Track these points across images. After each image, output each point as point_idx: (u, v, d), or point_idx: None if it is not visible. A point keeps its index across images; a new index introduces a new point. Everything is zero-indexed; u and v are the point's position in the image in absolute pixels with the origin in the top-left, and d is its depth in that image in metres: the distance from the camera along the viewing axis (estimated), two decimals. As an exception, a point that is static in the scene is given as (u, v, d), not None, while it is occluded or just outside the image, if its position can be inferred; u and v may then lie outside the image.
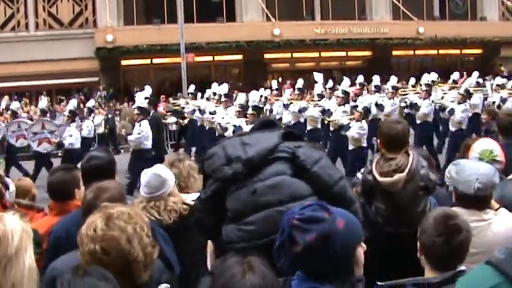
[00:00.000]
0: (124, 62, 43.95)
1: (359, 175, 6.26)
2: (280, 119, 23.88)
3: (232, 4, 45.70)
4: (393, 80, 26.60)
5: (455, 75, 29.78)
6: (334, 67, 48.41)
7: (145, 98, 20.72)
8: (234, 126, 18.85)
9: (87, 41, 41.97)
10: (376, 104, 23.52)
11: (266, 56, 45.84)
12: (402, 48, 47.19)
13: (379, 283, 4.11)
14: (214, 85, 26.89)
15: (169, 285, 3.51)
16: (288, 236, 3.22)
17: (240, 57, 45.58)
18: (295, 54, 46.57)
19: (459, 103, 20.58)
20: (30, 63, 40.14)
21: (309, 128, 22.45)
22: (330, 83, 25.92)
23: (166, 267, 4.26)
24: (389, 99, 24.52)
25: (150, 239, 3.44)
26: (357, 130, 17.94)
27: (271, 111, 25.11)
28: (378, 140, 6.42)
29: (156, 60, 44.05)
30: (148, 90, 24.02)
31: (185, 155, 7.23)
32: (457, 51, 50.04)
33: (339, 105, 20.59)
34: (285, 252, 3.24)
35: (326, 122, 21.42)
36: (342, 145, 18.49)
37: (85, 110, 26.06)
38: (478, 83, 25.45)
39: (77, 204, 5.66)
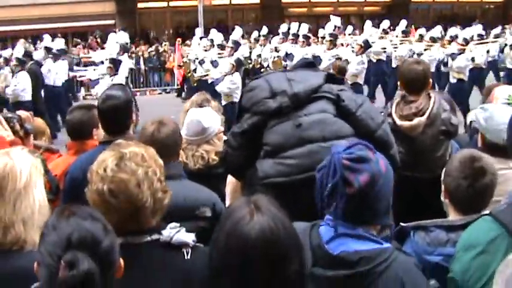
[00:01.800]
0: (140, 5, 43.71)
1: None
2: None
3: None
4: (403, 24, 26.41)
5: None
6: (352, 12, 48.00)
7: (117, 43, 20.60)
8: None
9: (103, -17, 41.73)
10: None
11: (283, 0, 45.32)
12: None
13: (402, 224, 4.07)
14: (213, 31, 26.30)
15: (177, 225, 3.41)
16: (341, 178, 3.06)
17: (257, 1, 45.23)
18: (313, -1, 46.06)
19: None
20: (46, 6, 40.05)
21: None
22: (350, 29, 25.83)
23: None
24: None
25: (163, 183, 3.35)
26: (356, 66, 17.81)
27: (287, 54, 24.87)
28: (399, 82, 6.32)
29: (172, 3, 43.86)
30: (121, 36, 23.53)
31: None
32: None
33: (356, 55, 20.38)
34: (339, 195, 3.08)
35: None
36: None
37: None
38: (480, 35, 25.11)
39: (94, 144, 5.62)
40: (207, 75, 20.95)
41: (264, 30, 28.41)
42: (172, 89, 32.65)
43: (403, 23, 27.00)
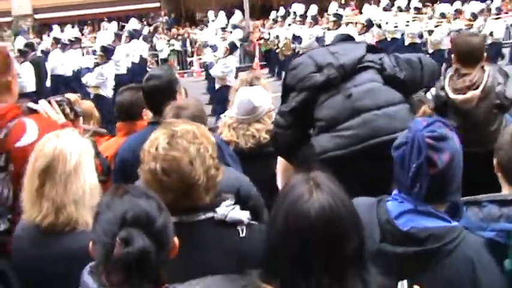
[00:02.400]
0: (185, -13, 43.76)
1: (433, 90, 6.08)
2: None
3: None
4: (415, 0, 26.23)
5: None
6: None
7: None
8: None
9: (148, -34, 41.85)
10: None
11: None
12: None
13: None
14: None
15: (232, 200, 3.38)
16: (426, 158, 3.02)
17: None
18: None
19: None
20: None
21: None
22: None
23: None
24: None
25: (215, 161, 3.33)
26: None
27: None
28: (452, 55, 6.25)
29: (217, -16, 43.72)
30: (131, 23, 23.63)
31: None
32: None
33: (359, 34, 20.49)
34: (423, 176, 3.03)
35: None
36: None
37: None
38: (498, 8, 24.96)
39: (143, 125, 5.62)
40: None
41: (281, 11, 28.35)
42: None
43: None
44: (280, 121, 4.62)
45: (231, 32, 21.57)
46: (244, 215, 3.31)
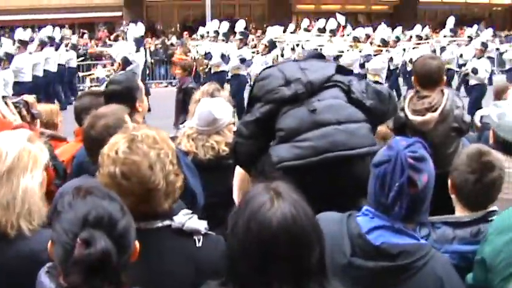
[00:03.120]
0: (148, -2, 43.74)
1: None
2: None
3: None
4: (418, 29, 26.42)
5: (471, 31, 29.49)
6: (360, 11, 47.98)
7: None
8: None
9: (111, -24, 41.74)
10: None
11: (292, -4, 45.36)
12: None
13: None
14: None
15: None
16: (407, 177, 3.06)
17: (265, -4, 45.27)
18: (321, -4, 45.91)
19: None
20: (53, -4, 40.14)
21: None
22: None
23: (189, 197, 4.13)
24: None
25: (175, 167, 3.29)
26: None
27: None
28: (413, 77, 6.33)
29: (180, -3, 43.82)
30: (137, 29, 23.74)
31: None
32: (486, 1, 49.20)
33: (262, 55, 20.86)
34: (404, 195, 3.07)
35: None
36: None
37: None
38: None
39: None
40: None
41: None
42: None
43: (418, 28, 27.07)
44: (243, 131, 4.60)
45: (223, 40, 21.42)
46: (202, 225, 3.27)
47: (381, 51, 21.23)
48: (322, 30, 27.83)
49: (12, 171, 3.30)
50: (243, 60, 19.44)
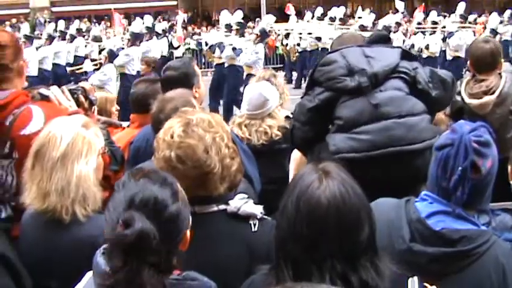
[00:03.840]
0: (203, -14, 43.86)
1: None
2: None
3: None
4: (461, 7, 25.98)
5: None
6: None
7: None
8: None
9: (167, -37, 41.98)
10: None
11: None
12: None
13: None
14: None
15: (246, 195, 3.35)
16: (470, 162, 3.00)
17: (319, -18, 44.95)
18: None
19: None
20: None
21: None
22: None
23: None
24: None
25: (230, 150, 3.28)
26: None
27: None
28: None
29: (235, -15, 43.79)
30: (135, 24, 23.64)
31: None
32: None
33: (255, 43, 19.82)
34: (467, 179, 3.01)
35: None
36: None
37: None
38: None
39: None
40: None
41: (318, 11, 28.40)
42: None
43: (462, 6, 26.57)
44: (300, 116, 4.57)
45: (237, 30, 21.03)
46: (258, 209, 3.25)
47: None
48: (333, 19, 27.94)
49: (66, 156, 3.34)
50: (234, 49, 18.91)
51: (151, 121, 4.47)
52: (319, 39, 25.11)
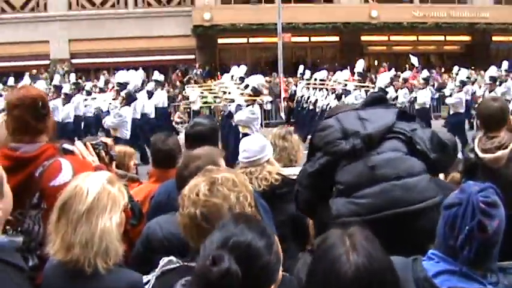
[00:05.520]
0: (220, 41, 44.22)
1: (460, 155, 6.14)
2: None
3: (330, -15, 45.42)
4: (492, 70, 26.15)
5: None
6: (432, 51, 47.65)
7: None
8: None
9: (185, 19, 42.45)
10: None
11: (363, 38, 45.26)
12: (503, 33, 45.27)
13: None
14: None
15: None
16: (478, 222, 3.04)
17: (336, 38, 45.24)
18: (392, 37, 45.64)
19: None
20: (128, 40, 41.31)
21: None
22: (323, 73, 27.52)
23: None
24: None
25: (253, 209, 3.36)
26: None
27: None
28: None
29: (252, 40, 44.14)
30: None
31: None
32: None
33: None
34: (474, 239, 3.04)
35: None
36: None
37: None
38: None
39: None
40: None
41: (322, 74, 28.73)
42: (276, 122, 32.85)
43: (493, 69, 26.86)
44: (303, 180, 4.66)
45: (240, 83, 21.35)
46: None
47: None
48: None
49: (91, 210, 3.41)
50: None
51: (176, 175, 4.57)
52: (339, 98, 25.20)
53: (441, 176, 5.74)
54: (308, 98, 26.86)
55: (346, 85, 24.94)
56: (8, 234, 3.71)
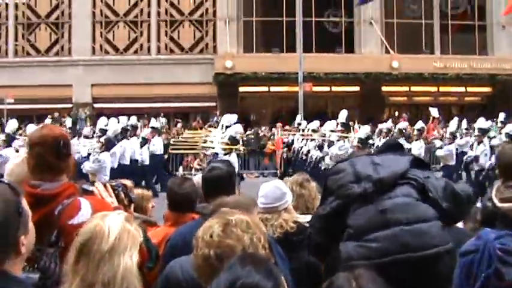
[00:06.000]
0: (242, 89, 44.39)
1: (478, 204, 6.11)
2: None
3: (352, 35, 45.74)
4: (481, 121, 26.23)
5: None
6: (453, 103, 47.57)
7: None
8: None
9: (206, 66, 42.85)
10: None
11: (384, 88, 45.32)
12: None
13: None
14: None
15: None
16: (495, 270, 3.05)
17: (357, 88, 45.28)
18: (413, 88, 45.69)
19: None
20: (150, 86, 41.71)
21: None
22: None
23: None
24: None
25: (266, 251, 3.37)
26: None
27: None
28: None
29: (273, 89, 44.30)
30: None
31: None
32: None
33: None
34: (491, 286, 3.05)
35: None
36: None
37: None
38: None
39: (192, 216, 5.74)
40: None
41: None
42: (269, 172, 32.87)
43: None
44: (316, 224, 4.67)
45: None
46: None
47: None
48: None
49: (114, 250, 3.41)
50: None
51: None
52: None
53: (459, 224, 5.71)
54: (301, 148, 27.15)
55: (330, 136, 24.92)
56: (25, 271, 3.73)
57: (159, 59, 43.70)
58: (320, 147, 24.67)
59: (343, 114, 26.72)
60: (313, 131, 26.96)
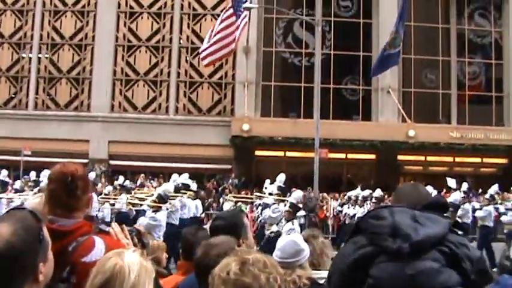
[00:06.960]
0: (258, 152, 44.64)
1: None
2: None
3: (369, 103, 46.02)
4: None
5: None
6: (468, 173, 47.38)
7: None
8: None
9: (224, 129, 43.18)
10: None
11: (399, 157, 45.33)
12: (541, 157, 45.45)
13: None
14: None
15: None
16: None
17: (373, 156, 45.36)
18: (429, 158, 45.78)
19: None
20: (166, 146, 42.02)
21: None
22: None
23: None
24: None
25: None
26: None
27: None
28: None
29: (289, 153, 44.49)
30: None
31: (319, 232, 7.20)
32: None
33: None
34: None
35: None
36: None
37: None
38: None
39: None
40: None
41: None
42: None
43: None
44: (339, 264, 4.61)
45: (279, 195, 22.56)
46: None
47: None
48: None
49: (135, 287, 3.42)
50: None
51: (195, 266, 4.59)
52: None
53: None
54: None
55: (266, 198, 25.00)
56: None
57: (176, 120, 44.15)
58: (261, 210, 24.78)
59: (280, 177, 27.00)
60: (270, 194, 26.77)
